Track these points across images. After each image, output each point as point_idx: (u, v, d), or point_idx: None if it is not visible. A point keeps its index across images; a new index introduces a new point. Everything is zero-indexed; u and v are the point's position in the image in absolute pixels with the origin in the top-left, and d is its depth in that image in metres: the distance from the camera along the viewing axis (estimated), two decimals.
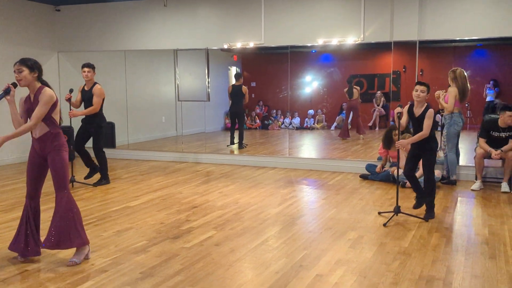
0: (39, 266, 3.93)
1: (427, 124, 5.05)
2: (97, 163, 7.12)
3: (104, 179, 7.14)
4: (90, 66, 6.83)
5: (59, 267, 3.88)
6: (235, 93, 10.17)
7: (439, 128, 7.42)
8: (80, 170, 7.59)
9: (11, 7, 8.97)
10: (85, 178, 7.08)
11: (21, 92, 4.08)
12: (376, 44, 8.00)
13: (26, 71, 3.87)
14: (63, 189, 3.94)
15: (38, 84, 3.95)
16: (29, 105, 3.94)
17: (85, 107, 6.86)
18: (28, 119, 3.98)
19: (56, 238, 3.91)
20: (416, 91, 5.07)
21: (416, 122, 5.14)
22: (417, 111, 5.15)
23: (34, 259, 4.05)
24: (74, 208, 3.98)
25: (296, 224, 5.10)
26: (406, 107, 5.27)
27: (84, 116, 6.94)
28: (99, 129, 6.98)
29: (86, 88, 6.88)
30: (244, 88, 10.14)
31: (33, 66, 3.91)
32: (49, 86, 4.00)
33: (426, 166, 5.27)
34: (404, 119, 5.25)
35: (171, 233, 4.79)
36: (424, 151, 5.20)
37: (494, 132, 6.69)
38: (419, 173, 6.10)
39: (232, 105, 10.32)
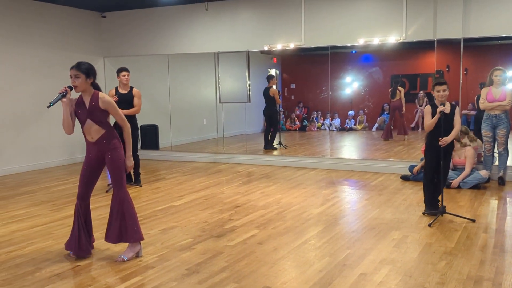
0: (90, 261, 4.08)
1: (458, 119, 5.23)
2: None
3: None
4: (128, 70, 7.16)
5: (109, 263, 4.02)
6: (266, 95, 10.27)
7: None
8: None
9: (58, 14, 9.32)
10: (133, 183, 7.29)
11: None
12: (418, 43, 7.86)
13: (82, 77, 3.96)
14: (120, 187, 4.09)
15: (92, 89, 4.06)
16: (83, 109, 4.02)
17: (122, 109, 7.03)
18: (77, 120, 4.12)
19: (115, 233, 4.08)
20: (438, 91, 5.12)
21: (445, 120, 5.11)
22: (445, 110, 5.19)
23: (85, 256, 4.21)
24: (131, 204, 4.12)
25: (339, 224, 5.09)
26: (429, 109, 5.22)
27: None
28: (133, 131, 7.18)
29: (123, 91, 7.10)
30: (272, 90, 10.19)
31: (89, 72, 4.01)
32: (99, 89, 4.13)
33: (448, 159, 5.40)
34: (433, 121, 5.16)
35: (215, 231, 4.88)
36: (452, 145, 5.32)
37: None
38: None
39: (265, 108, 10.41)
